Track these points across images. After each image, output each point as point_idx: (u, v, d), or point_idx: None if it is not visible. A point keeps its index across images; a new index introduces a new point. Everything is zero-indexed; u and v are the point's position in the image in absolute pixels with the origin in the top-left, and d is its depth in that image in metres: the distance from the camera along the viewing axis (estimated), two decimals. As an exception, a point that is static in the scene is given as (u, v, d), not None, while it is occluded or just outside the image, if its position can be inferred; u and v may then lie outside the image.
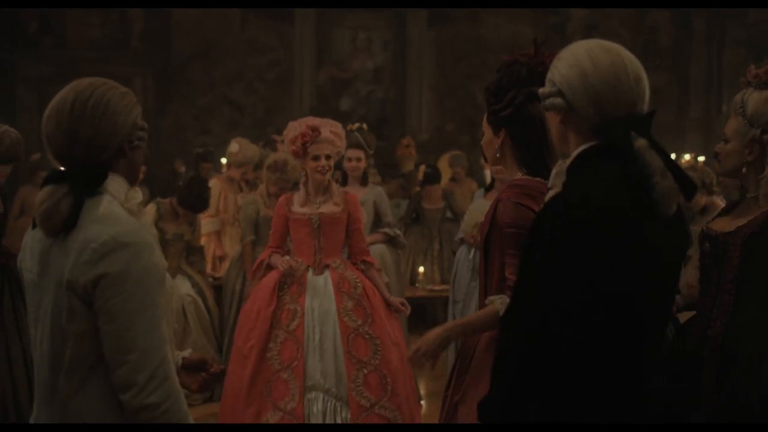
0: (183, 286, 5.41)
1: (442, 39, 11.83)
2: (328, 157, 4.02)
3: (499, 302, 2.43)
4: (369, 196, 5.20)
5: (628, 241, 1.69)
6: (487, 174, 6.90)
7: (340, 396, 3.84)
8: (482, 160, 5.55)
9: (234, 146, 6.29)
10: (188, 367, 2.11)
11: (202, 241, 6.12)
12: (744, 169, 2.46)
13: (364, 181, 5.35)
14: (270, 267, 4.11)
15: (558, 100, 1.78)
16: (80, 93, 1.87)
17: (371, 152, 5.37)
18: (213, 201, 6.02)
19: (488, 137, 2.58)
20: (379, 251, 5.08)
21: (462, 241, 5.22)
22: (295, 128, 4.02)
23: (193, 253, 5.57)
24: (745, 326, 2.38)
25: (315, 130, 3.97)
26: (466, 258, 5.13)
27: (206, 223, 6.12)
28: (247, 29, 11.60)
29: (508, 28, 11.85)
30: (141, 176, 7.45)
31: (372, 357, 3.87)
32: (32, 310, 1.96)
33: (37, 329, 1.92)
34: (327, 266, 4.07)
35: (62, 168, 1.91)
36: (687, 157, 10.15)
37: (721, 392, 2.37)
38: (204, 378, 2.12)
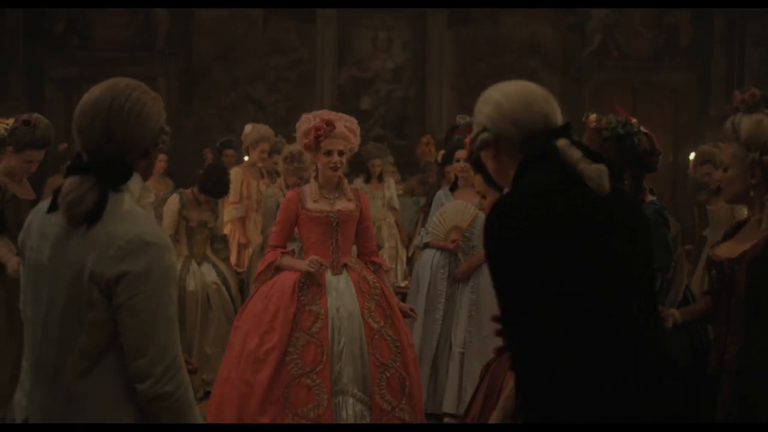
0: (209, 274, 5.48)
1: (462, 39, 11.87)
2: (341, 153, 3.87)
3: None
4: None
5: (576, 233, 1.83)
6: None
7: (364, 400, 3.73)
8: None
9: (247, 128, 6.47)
10: None
11: (227, 229, 6.24)
12: (751, 193, 2.49)
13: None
14: (278, 269, 3.90)
15: (485, 134, 1.98)
16: (119, 94, 1.96)
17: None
18: (236, 188, 6.14)
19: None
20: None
21: (427, 245, 4.80)
22: (309, 120, 3.86)
23: (216, 240, 5.64)
24: (757, 352, 2.41)
25: (329, 124, 3.81)
26: (441, 264, 4.68)
27: (230, 210, 6.26)
28: (270, 29, 11.72)
29: (527, 28, 11.88)
30: (164, 165, 7.50)
31: (393, 359, 3.77)
32: (31, 290, 2.03)
33: (39, 311, 1.99)
34: (344, 265, 3.93)
35: (87, 160, 1.98)
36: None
37: (729, 416, 2.41)
38: None
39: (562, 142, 1.90)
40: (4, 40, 11.17)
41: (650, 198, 3.28)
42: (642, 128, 3.23)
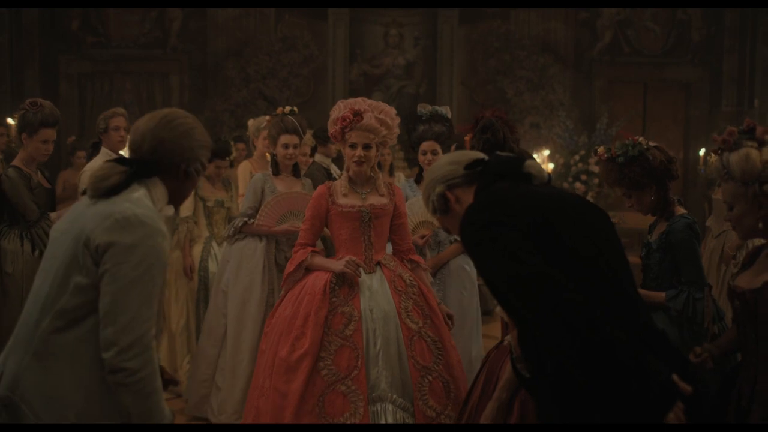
0: None
1: (473, 35, 11.91)
2: (367, 147, 3.64)
3: None
4: (304, 189, 4.61)
5: (550, 219, 2.09)
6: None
7: (406, 406, 3.46)
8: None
9: (249, 121, 6.59)
10: None
11: (239, 219, 6.32)
12: (761, 224, 2.49)
13: (296, 171, 4.74)
14: (309, 269, 3.68)
15: (439, 189, 2.33)
16: (179, 111, 2.32)
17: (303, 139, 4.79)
18: (245, 180, 6.24)
19: None
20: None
21: None
22: (339, 109, 3.67)
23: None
24: None
25: (357, 114, 3.60)
26: None
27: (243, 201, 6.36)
28: (282, 26, 11.80)
29: (538, 25, 11.91)
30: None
31: (435, 362, 3.51)
32: (43, 262, 2.26)
33: (40, 277, 2.22)
34: (378, 263, 3.70)
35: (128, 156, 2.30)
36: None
37: None
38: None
39: (493, 157, 2.31)
40: (20, 38, 11.32)
41: (680, 211, 3.32)
42: (651, 143, 3.30)
